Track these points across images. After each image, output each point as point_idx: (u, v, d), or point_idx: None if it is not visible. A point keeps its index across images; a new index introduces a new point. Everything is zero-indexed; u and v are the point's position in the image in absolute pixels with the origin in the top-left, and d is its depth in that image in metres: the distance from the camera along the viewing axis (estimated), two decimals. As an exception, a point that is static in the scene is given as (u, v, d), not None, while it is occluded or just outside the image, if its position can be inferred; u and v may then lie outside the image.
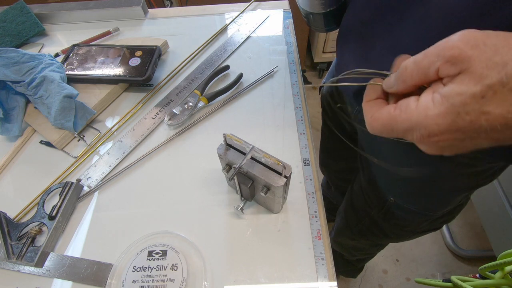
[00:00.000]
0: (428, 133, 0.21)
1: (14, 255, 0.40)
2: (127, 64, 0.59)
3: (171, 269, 0.38)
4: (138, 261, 0.39)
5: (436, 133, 0.20)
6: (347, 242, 0.75)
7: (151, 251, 0.39)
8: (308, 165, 0.48)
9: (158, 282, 0.37)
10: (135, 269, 0.38)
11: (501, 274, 0.54)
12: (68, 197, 0.45)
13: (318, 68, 1.65)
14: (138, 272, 0.38)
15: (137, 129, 0.54)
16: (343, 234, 0.73)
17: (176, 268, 0.38)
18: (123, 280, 0.38)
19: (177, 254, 0.39)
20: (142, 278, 0.38)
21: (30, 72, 0.52)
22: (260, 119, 0.54)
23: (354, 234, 0.68)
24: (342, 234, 0.73)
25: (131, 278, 0.38)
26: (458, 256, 1.15)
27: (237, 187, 0.41)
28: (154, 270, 0.38)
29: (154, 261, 0.39)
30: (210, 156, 0.49)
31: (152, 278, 0.38)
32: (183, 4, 1.07)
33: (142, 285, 0.37)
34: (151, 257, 0.39)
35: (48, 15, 0.74)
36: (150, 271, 0.38)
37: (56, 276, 0.40)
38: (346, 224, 0.69)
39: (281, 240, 0.41)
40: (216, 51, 0.65)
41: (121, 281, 0.38)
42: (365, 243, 0.70)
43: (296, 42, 0.66)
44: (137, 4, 0.72)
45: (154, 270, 0.38)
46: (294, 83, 0.58)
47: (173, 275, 0.38)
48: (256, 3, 0.75)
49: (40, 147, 0.53)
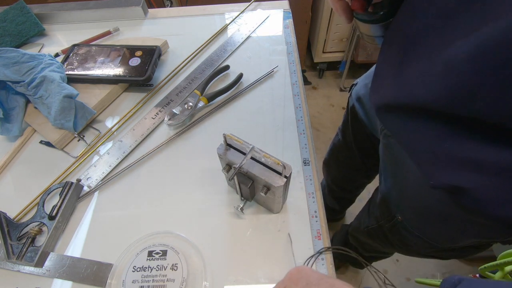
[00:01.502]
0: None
1: (14, 255, 0.40)
2: (127, 64, 0.59)
3: (171, 269, 0.38)
4: (138, 261, 0.39)
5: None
6: (361, 238, 0.76)
7: (151, 251, 0.39)
8: (308, 165, 0.48)
9: (158, 282, 0.37)
10: (135, 269, 0.38)
11: (501, 274, 0.54)
12: (68, 197, 0.45)
13: (318, 68, 1.65)
14: (138, 272, 0.38)
15: (137, 129, 0.54)
16: (357, 231, 0.75)
17: (176, 268, 0.38)
18: (123, 280, 0.37)
19: (177, 254, 0.39)
20: (142, 278, 0.38)
21: (30, 72, 0.52)
22: (260, 119, 0.54)
23: (364, 233, 0.69)
24: (357, 231, 0.75)
25: (131, 278, 0.38)
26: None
27: (237, 187, 0.41)
28: (154, 270, 0.38)
29: (154, 261, 0.39)
30: (210, 156, 0.49)
31: (152, 278, 0.38)
32: (183, 4, 1.07)
33: (142, 285, 0.37)
34: (151, 257, 0.39)
35: (48, 15, 0.74)
36: (150, 271, 0.38)
37: (56, 276, 0.40)
38: (359, 224, 0.71)
39: (281, 240, 0.41)
40: (216, 51, 0.65)
41: (121, 281, 0.37)
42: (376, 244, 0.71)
43: (296, 42, 0.66)
44: (137, 4, 0.72)
45: (154, 270, 0.38)
46: (294, 83, 0.58)
47: (173, 275, 0.38)
48: (256, 3, 0.75)
49: (40, 147, 0.53)
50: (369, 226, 0.64)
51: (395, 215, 0.51)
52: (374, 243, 0.68)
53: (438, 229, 0.45)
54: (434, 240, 0.48)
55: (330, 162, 0.87)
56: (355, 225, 0.76)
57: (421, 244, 0.51)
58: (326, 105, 1.61)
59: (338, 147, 0.78)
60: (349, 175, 0.83)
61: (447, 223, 0.42)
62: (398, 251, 0.64)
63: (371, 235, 0.65)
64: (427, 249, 0.52)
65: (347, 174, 0.84)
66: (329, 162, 0.88)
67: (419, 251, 0.55)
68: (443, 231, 0.45)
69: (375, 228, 0.61)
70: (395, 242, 0.58)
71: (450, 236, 0.45)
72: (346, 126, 0.70)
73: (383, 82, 0.36)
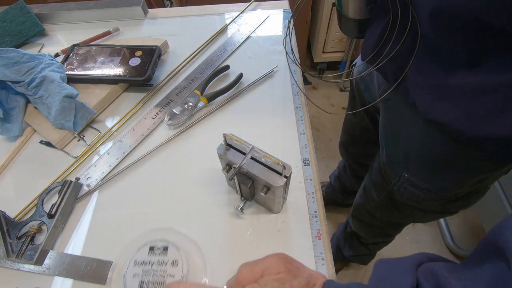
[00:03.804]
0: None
1: (13, 253, 0.40)
2: (127, 64, 0.59)
3: (171, 265, 0.38)
4: (140, 256, 0.39)
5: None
6: (364, 218, 0.77)
7: (152, 247, 0.39)
8: (308, 165, 0.48)
9: (158, 277, 0.38)
10: (136, 263, 0.38)
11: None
12: (67, 195, 0.45)
13: (318, 68, 1.65)
14: (139, 266, 0.38)
15: (137, 129, 0.54)
16: (361, 208, 0.75)
17: (176, 264, 0.38)
18: (124, 273, 0.37)
19: (178, 251, 0.39)
20: (142, 272, 0.38)
21: (30, 72, 0.52)
22: (260, 119, 0.54)
23: (371, 208, 0.70)
24: (360, 208, 0.76)
25: (132, 272, 0.38)
26: (458, 256, 1.15)
27: (237, 187, 0.41)
28: (155, 265, 0.38)
29: (155, 257, 0.39)
30: (210, 156, 0.49)
31: (152, 272, 0.38)
32: (183, 4, 1.07)
33: (143, 280, 0.37)
34: (152, 252, 0.39)
35: (48, 15, 0.74)
36: (151, 265, 0.38)
37: (56, 274, 0.40)
38: (365, 199, 0.72)
39: (281, 240, 0.41)
40: (216, 51, 0.65)
41: (121, 275, 0.37)
42: (381, 219, 0.72)
43: (296, 42, 0.66)
44: (137, 4, 0.72)
45: (154, 265, 0.38)
46: (294, 83, 0.58)
47: (173, 270, 0.38)
48: (256, 3, 0.75)
49: (40, 147, 0.53)
50: (376, 199, 0.66)
51: (401, 175, 0.53)
52: (382, 216, 0.69)
53: (445, 176, 0.48)
54: (442, 189, 0.50)
55: (346, 141, 0.89)
56: (358, 205, 0.77)
57: (428, 198, 0.53)
58: (326, 105, 1.61)
59: (352, 125, 0.81)
60: (367, 149, 0.84)
61: (453, 167, 0.45)
62: (407, 218, 0.66)
63: (379, 207, 0.67)
64: (434, 203, 0.54)
65: (365, 149, 0.85)
66: (345, 142, 0.89)
67: (427, 208, 0.56)
68: (449, 177, 0.48)
69: (383, 198, 0.63)
70: (403, 206, 0.59)
71: (456, 180, 0.48)
72: (354, 102, 0.72)
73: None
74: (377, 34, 0.45)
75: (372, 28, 0.47)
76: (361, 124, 0.75)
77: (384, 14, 0.42)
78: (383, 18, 0.43)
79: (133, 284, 0.37)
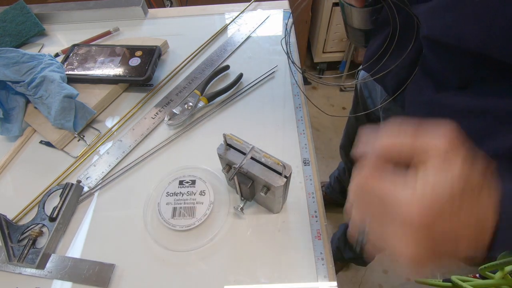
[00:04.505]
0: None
1: (15, 257, 0.40)
2: (127, 64, 0.59)
3: (200, 194, 0.44)
4: (171, 188, 0.45)
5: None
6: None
7: (182, 181, 0.46)
8: (308, 165, 0.48)
9: (188, 204, 0.44)
10: (168, 194, 0.45)
11: (501, 274, 0.54)
12: (69, 198, 0.44)
13: (318, 68, 1.65)
14: (171, 196, 0.44)
15: (137, 129, 0.54)
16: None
17: (204, 194, 0.45)
18: (158, 202, 0.44)
19: (204, 183, 0.46)
20: (174, 201, 0.44)
21: (30, 72, 0.52)
22: (260, 119, 0.54)
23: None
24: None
25: (165, 201, 0.44)
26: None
27: (237, 187, 0.41)
28: (185, 195, 0.44)
29: (185, 188, 0.45)
30: (210, 156, 0.49)
31: (183, 201, 0.44)
32: (183, 4, 1.07)
33: (175, 206, 0.44)
34: (182, 185, 0.45)
35: (48, 15, 0.74)
36: (182, 195, 0.44)
37: (58, 278, 0.40)
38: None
39: (281, 240, 0.41)
40: (216, 51, 0.65)
41: (156, 203, 0.44)
42: None
43: (296, 42, 0.66)
44: (137, 4, 0.72)
45: (185, 195, 0.45)
46: (294, 83, 0.58)
47: (201, 199, 0.44)
48: (256, 3, 0.75)
49: (40, 147, 0.53)
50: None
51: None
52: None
53: None
54: None
55: (347, 145, 0.89)
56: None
57: None
58: (326, 105, 1.61)
59: (353, 130, 0.81)
60: None
61: None
62: None
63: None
64: None
65: None
66: (345, 146, 0.90)
67: None
68: None
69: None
70: None
71: None
72: (357, 107, 0.72)
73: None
74: (376, 45, 0.44)
75: (374, 38, 0.46)
76: (360, 125, 0.75)
77: (387, 26, 0.42)
78: (385, 29, 0.43)
79: (167, 210, 0.43)
